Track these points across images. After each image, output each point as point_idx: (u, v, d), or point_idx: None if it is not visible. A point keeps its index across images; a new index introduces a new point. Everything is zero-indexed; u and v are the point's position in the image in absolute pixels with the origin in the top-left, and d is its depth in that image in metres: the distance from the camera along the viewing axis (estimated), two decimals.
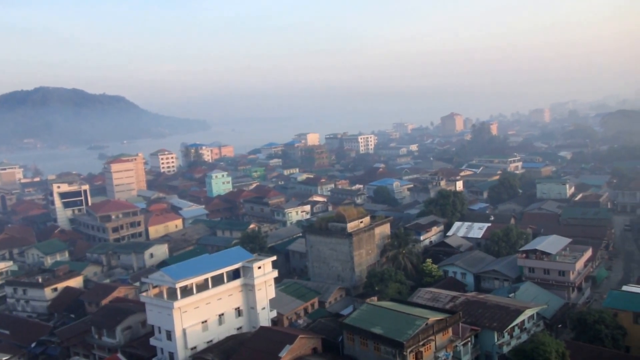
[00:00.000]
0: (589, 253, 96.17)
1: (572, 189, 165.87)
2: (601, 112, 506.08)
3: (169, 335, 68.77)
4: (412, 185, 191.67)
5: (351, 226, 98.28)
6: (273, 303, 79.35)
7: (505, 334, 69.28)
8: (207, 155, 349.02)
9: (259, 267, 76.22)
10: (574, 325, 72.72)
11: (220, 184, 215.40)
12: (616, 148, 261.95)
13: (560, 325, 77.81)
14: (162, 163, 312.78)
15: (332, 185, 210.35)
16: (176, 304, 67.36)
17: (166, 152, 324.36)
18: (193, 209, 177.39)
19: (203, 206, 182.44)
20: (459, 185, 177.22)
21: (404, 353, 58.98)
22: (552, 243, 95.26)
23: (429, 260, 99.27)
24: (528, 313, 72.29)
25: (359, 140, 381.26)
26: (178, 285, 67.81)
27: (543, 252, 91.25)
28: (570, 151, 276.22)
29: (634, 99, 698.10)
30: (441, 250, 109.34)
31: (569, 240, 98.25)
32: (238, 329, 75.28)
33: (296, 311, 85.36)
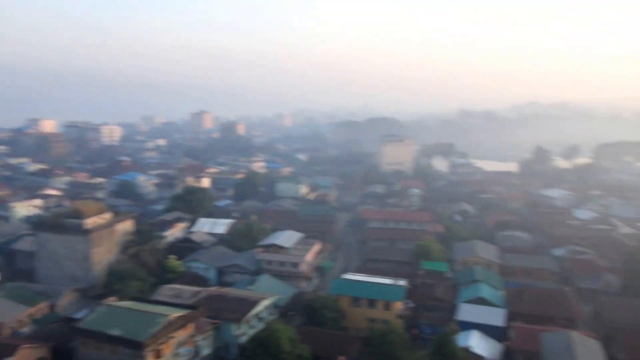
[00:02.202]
0: (318, 246, 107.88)
1: (307, 189, 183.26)
2: (333, 122, 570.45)
3: None
4: (158, 181, 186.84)
5: (90, 222, 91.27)
6: None
7: (244, 325, 73.06)
8: None
9: None
10: (303, 312, 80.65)
11: None
12: (343, 153, 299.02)
13: (292, 313, 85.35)
14: None
15: (70, 178, 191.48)
16: None
17: None
18: None
19: None
20: (206, 182, 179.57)
21: (143, 353, 57.47)
22: (287, 238, 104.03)
23: (172, 256, 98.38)
24: (264, 303, 77.52)
25: (103, 130, 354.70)
26: None
27: (279, 246, 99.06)
28: (306, 154, 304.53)
29: (359, 112, 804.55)
30: (186, 246, 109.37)
31: (302, 234, 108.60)
32: None
33: (20, 318, 75.38)
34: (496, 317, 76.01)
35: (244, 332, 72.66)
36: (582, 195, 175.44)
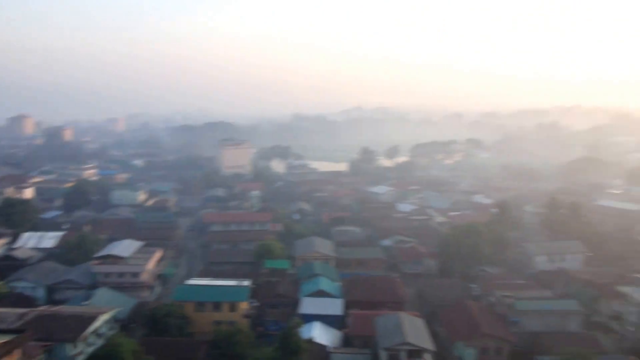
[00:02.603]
0: (159, 253, 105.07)
1: (145, 195, 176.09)
2: (169, 126, 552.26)
3: None
4: None
5: None
6: None
7: (80, 344, 68.73)
8: None
9: None
10: (146, 322, 78.32)
11: None
12: (181, 158, 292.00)
13: (134, 325, 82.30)
14: None
15: None
16: None
17: None
18: None
19: None
20: (29, 193, 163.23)
21: None
22: (126, 247, 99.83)
23: None
24: (103, 318, 73.70)
25: None
26: None
27: (117, 257, 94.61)
28: (143, 160, 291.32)
29: (196, 116, 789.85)
30: (7, 265, 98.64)
31: (141, 243, 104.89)
32: None
33: None
34: (335, 307, 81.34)
35: (81, 351, 68.44)
36: (403, 190, 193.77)
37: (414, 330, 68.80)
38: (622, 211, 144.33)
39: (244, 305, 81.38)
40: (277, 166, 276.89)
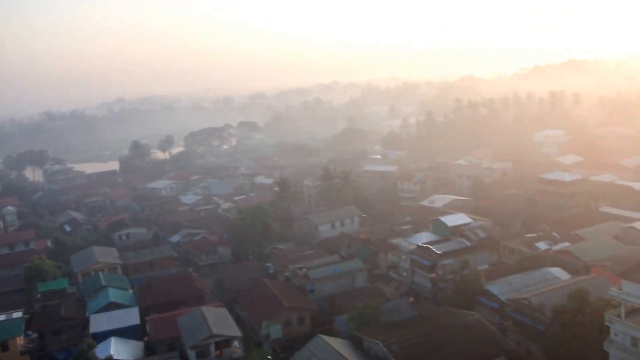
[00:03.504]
0: None
1: None
2: None
3: None
4: None
5: None
6: None
7: None
8: None
9: None
10: None
11: None
12: None
13: None
14: None
15: None
16: None
17: None
18: None
19: None
20: None
21: None
22: None
23: None
24: None
25: None
26: None
27: None
28: None
29: None
30: None
31: None
32: None
33: None
34: (130, 317, 75.77)
35: None
36: (184, 182, 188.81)
37: (218, 321, 68.04)
38: (383, 173, 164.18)
39: (19, 341, 69.95)
40: (33, 174, 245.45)
